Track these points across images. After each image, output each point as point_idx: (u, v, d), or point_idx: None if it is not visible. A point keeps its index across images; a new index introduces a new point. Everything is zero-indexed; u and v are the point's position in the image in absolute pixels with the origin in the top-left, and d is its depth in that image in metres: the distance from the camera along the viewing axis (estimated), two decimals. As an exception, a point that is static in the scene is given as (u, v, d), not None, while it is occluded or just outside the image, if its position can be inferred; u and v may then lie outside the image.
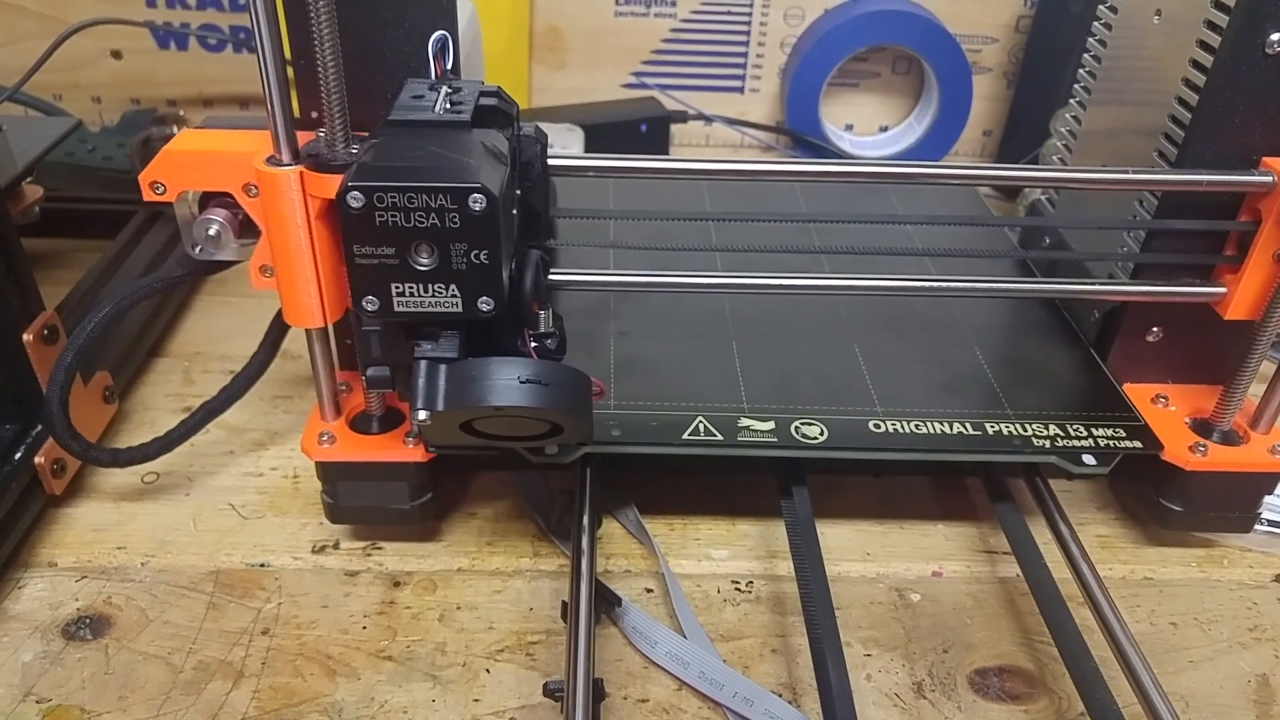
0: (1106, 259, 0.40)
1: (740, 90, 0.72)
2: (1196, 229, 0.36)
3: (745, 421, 0.36)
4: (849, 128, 0.73)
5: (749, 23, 0.69)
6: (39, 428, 0.38)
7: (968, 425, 0.37)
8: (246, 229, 0.32)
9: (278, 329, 0.38)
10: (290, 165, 0.29)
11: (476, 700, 0.33)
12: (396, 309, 0.29)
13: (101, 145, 0.59)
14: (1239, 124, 0.34)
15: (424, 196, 0.27)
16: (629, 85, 0.71)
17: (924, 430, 0.36)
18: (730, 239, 0.44)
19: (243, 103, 0.69)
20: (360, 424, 0.36)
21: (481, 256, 0.28)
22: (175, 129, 0.61)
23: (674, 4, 0.68)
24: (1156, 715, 0.29)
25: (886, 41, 0.67)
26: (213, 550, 0.38)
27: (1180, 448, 0.36)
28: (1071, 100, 0.46)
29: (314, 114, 0.32)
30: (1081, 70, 0.45)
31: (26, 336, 0.37)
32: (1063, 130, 0.47)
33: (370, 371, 0.32)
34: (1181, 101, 0.36)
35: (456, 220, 0.27)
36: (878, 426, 0.37)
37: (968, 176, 0.37)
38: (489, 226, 0.27)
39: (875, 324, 0.43)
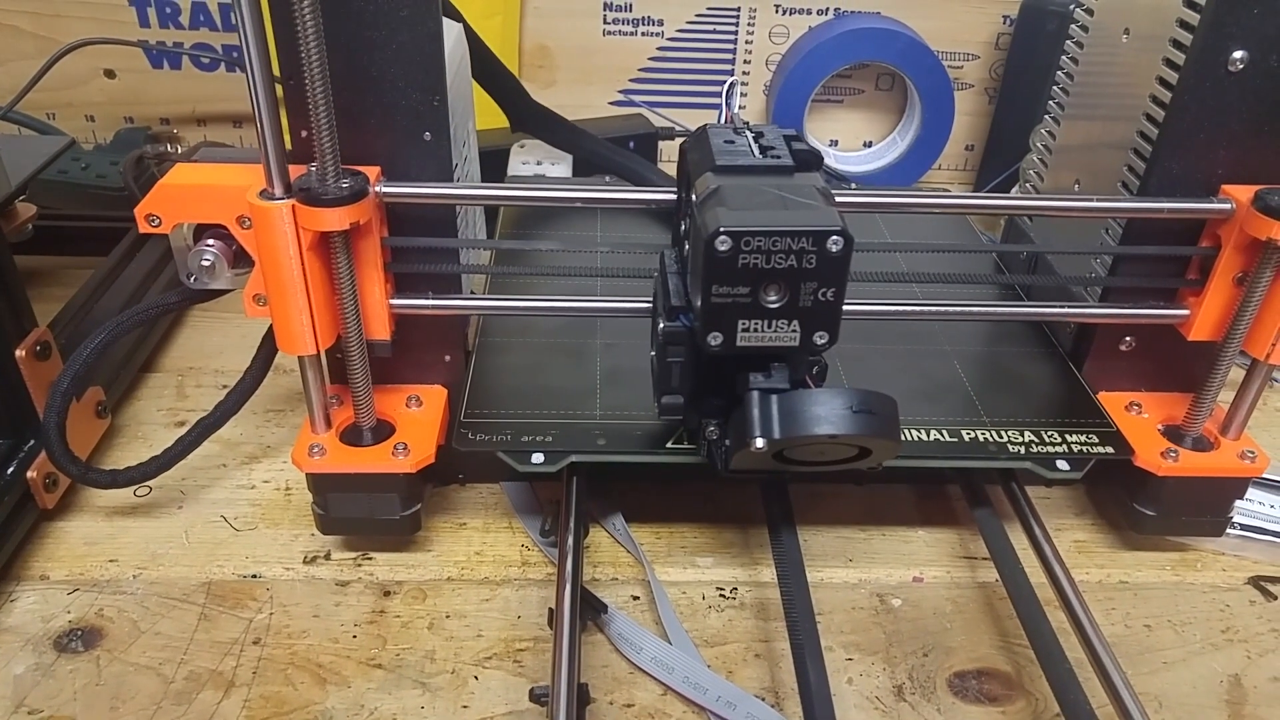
0: (1075, 284, 0.41)
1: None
2: (1160, 254, 0.37)
3: (728, 431, 0.37)
4: (834, 143, 0.74)
5: (734, 41, 0.70)
6: (31, 443, 0.38)
7: (944, 433, 0.38)
8: (240, 259, 0.33)
9: (269, 346, 0.38)
10: (283, 199, 0.30)
11: (465, 706, 0.33)
12: (739, 344, 0.30)
13: (95, 163, 0.60)
14: (1204, 140, 0.35)
15: (788, 239, 0.28)
16: (617, 102, 0.72)
17: (903, 438, 0.37)
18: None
19: (236, 121, 0.70)
20: (351, 436, 0.37)
21: (828, 294, 0.29)
22: (168, 147, 0.62)
23: (661, 23, 0.69)
24: (1128, 715, 0.30)
25: (869, 59, 0.68)
26: (205, 562, 0.39)
27: (1152, 454, 0.37)
28: (1046, 115, 0.47)
29: (303, 134, 0.33)
30: (1055, 86, 0.46)
31: (19, 353, 0.37)
32: (1039, 145, 0.48)
33: (665, 399, 0.33)
34: (1149, 118, 0.37)
35: (813, 261, 0.28)
36: (858, 435, 0.37)
37: (940, 205, 0.38)
38: (842, 266, 0.29)
39: (854, 334, 0.43)
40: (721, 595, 0.38)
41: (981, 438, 0.37)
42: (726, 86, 0.62)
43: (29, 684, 0.33)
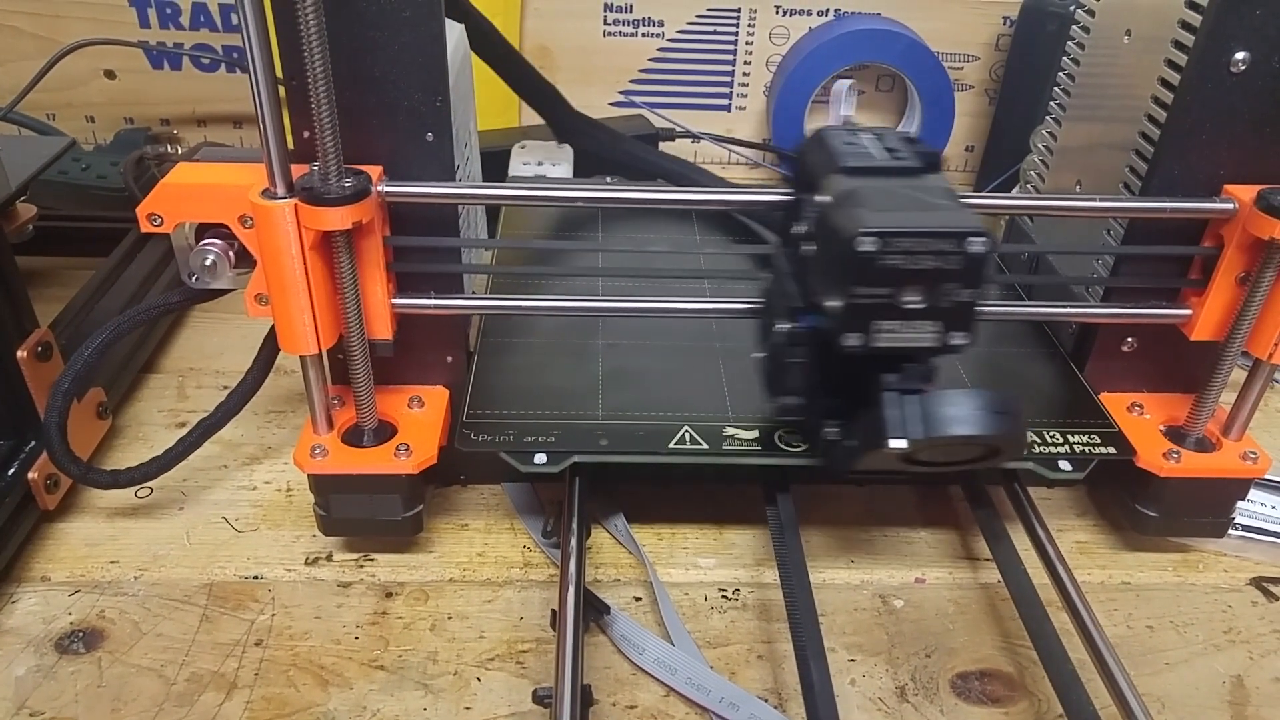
0: (1076, 284, 0.41)
1: (727, 108, 0.73)
2: (1162, 254, 0.37)
3: (730, 431, 0.37)
4: (834, 144, 0.74)
5: (735, 42, 0.70)
6: (32, 444, 0.38)
7: (947, 434, 0.38)
8: (242, 259, 0.33)
9: (271, 346, 0.38)
10: (285, 198, 0.30)
11: (468, 708, 0.33)
12: (878, 344, 0.30)
13: (95, 164, 0.60)
14: (1206, 142, 0.35)
15: (931, 240, 0.28)
16: (617, 104, 0.72)
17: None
18: (711, 263, 0.45)
19: (236, 121, 0.70)
20: (352, 437, 0.37)
21: (967, 295, 0.29)
22: (169, 148, 0.62)
23: (661, 24, 0.69)
24: (1131, 715, 0.30)
25: (869, 60, 0.68)
26: (206, 563, 0.38)
27: (1154, 454, 0.37)
28: (1048, 116, 0.47)
29: (305, 134, 0.33)
30: (1056, 88, 0.46)
31: (20, 353, 0.37)
32: (1040, 146, 0.48)
33: (783, 400, 0.33)
34: (1151, 119, 0.37)
35: (955, 262, 0.28)
36: (860, 436, 0.37)
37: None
38: (984, 267, 0.29)
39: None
40: (724, 596, 0.38)
41: (984, 438, 0.37)
42: (841, 88, 0.61)
43: (30, 686, 0.33)
